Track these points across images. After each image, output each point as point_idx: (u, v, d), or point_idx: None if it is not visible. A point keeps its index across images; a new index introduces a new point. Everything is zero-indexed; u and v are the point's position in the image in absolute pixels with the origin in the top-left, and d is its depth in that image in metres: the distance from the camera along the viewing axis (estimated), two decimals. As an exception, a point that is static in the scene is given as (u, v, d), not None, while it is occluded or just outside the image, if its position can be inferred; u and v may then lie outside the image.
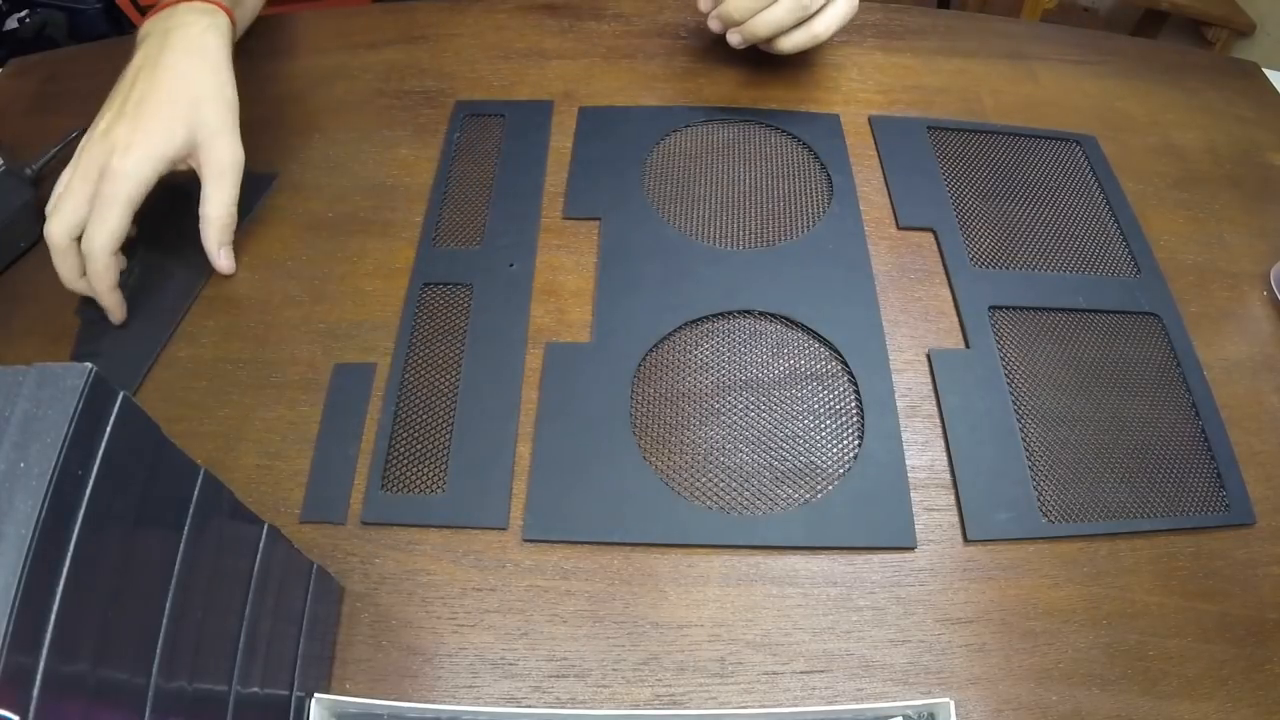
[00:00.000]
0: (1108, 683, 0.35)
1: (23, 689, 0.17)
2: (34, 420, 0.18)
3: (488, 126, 0.54)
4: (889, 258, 0.48)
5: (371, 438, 0.40)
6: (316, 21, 0.63)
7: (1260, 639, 0.36)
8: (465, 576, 0.37)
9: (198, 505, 0.24)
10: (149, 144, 0.41)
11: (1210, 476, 0.41)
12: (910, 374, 0.44)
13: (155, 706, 0.21)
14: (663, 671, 0.35)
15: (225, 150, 0.43)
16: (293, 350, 0.44)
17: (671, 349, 0.44)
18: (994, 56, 0.61)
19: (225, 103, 0.44)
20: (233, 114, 0.44)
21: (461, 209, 0.50)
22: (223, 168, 0.43)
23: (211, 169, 0.43)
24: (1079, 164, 0.54)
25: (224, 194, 0.44)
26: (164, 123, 0.42)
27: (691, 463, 0.40)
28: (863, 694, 0.34)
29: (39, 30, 0.98)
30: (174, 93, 0.42)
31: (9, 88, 0.59)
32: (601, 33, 0.61)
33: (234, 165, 0.44)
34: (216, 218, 0.44)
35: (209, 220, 0.44)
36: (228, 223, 0.44)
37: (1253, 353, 0.46)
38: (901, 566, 0.38)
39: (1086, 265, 0.49)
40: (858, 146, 0.54)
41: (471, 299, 0.46)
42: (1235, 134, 0.58)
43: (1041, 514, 0.39)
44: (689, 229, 0.49)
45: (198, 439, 0.40)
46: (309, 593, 0.32)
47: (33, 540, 0.17)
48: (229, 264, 0.45)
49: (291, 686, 0.30)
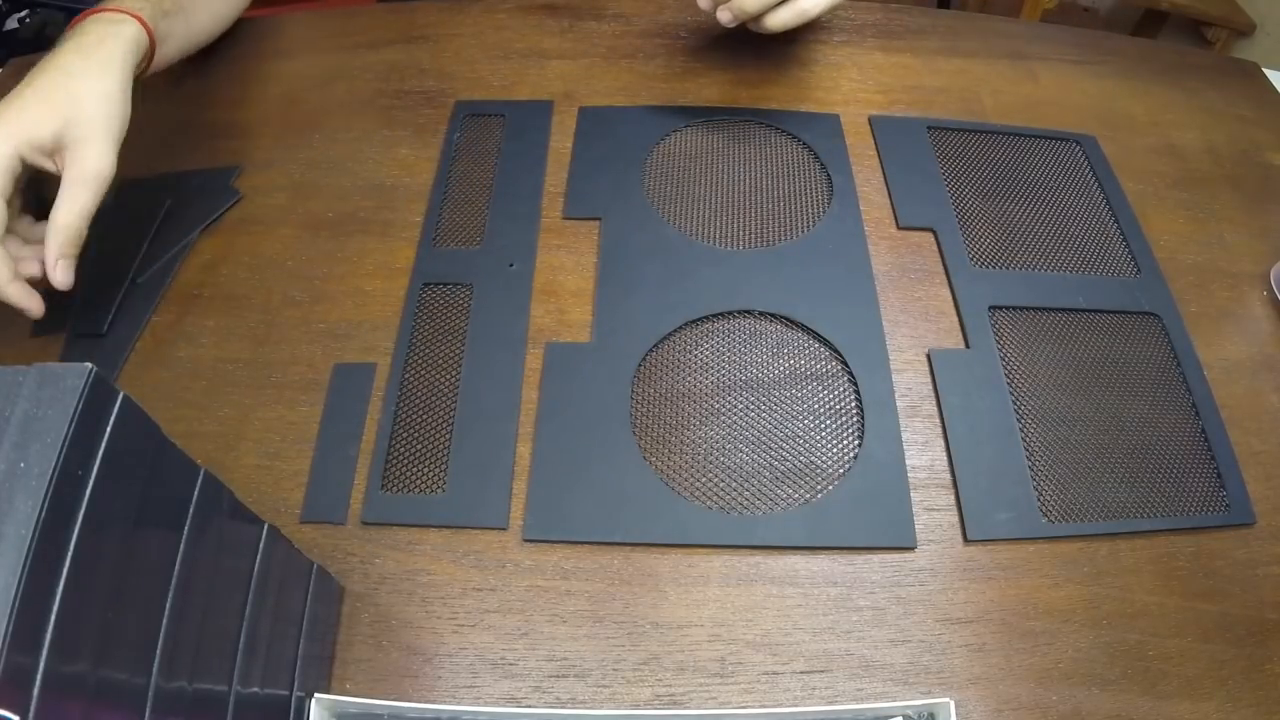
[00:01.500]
0: (1108, 683, 0.35)
1: (23, 689, 0.17)
2: (34, 420, 0.18)
3: (488, 126, 0.54)
4: (889, 258, 0.48)
5: (371, 438, 0.40)
6: (316, 21, 0.63)
7: (1260, 639, 0.36)
8: (465, 576, 0.37)
9: (198, 505, 0.24)
10: (13, 125, 0.38)
11: (1210, 476, 0.41)
12: (910, 374, 0.44)
13: (155, 706, 0.21)
14: (663, 671, 0.35)
15: (92, 158, 0.40)
16: (293, 350, 0.44)
17: (671, 349, 0.44)
18: (994, 56, 0.61)
19: (106, 110, 0.40)
20: (110, 124, 0.41)
21: (461, 209, 0.50)
22: (85, 175, 0.39)
23: (73, 172, 0.39)
24: (1079, 164, 0.54)
25: (79, 203, 0.39)
26: (34, 110, 0.39)
27: (691, 463, 0.40)
28: (863, 694, 0.34)
29: (39, 30, 0.98)
30: (53, 88, 0.40)
31: (9, 88, 0.59)
32: (601, 33, 0.61)
33: (97, 175, 0.40)
34: (64, 226, 0.39)
35: (55, 227, 0.39)
36: (75, 234, 0.40)
37: (1253, 353, 0.46)
38: (901, 566, 0.38)
39: (1086, 265, 0.49)
40: (858, 146, 0.54)
41: (471, 299, 0.46)
42: (1235, 134, 0.58)
43: (1041, 514, 0.39)
44: (689, 229, 0.49)
45: (198, 439, 0.40)
46: (309, 593, 0.32)
47: (33, 540, 0.17)
48: (66, 278, 0.40)
49: (291, 686, 0.30)
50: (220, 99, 0.57)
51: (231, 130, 0.55)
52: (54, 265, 0.40)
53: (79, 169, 0.40)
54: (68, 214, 0.39)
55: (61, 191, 0.40)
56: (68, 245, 0.40)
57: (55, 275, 0.40)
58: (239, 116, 0.56)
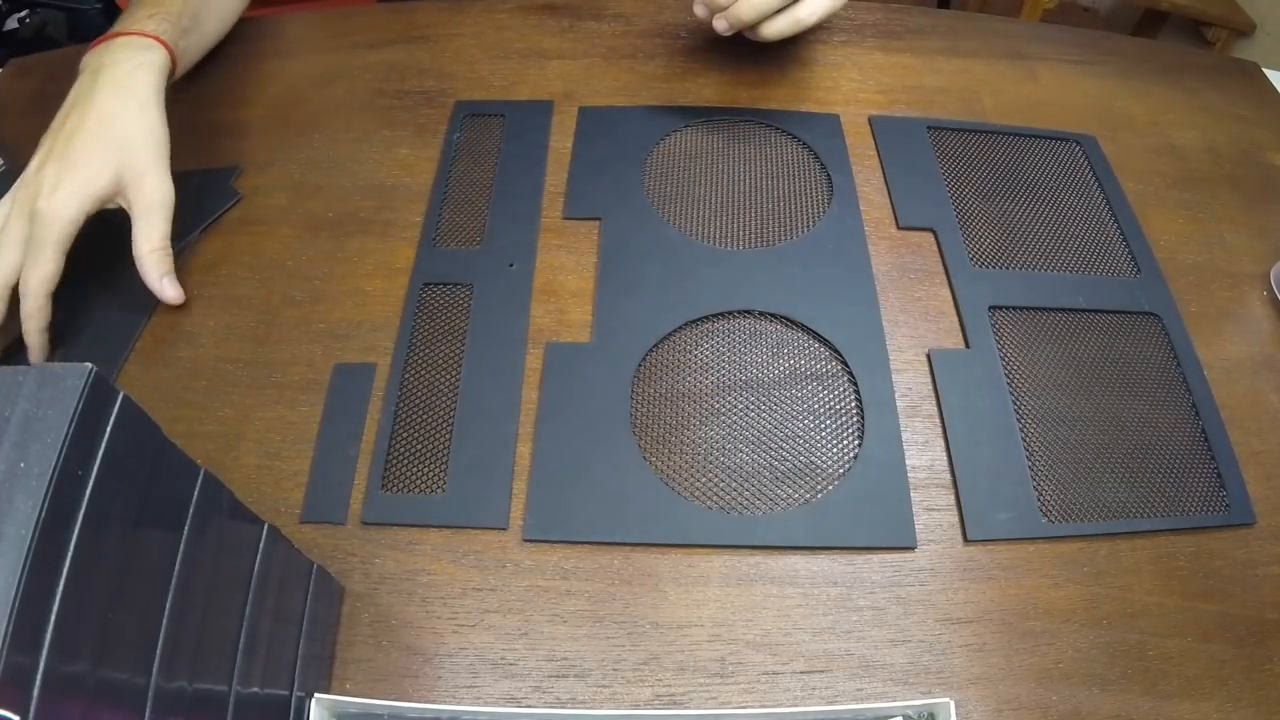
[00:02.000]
0: (1108, 683, 0.35)
1: (23, 689, 0.17)
2: (34, 420, 0.18)
3: (488, 126, 0.54)
4: (889, 258, 0.48)
5: (371, 438, 0.40)
6: (316, 21, 0.63)
7: (1260, 639, 0.36)
8: (465, 576, 0.37)
9: (198, 505, 0.24)
10: (75, 184, 0.41)
11: (1210, 476, 0.41)
12: (910, 374, 0.44)
13: (155, 706, 0.21)
14: (663, 671, 0.35)
15: (153, 188, 0.43)
16: (293, 350, 0.44)
17: (671, 349, 0.44)
18: (994, 56, 0.61)
19: (153, 141, 0.44)
20: (160, 152, 0.44)
21: (461, 209, 0.50)
22: (151, 204, 0.43)
23: (140, 206, 0.43)
24: (1079, 164, 0.54)
25: (155, 229, 0.43)
26: (91, 162, 0.42)
27: (691, 463, 0.40)
28: (863, 694, 0.34)
29: (39, 30, 0.98)
30: (101, 134, 0.42)
31: (9, 88, 0.59)
32: (601, 33, 0.61)
33: (163, 202, 0.43)
34: (150, 252, 0.43)
35: (142, 257, 0.43)
36: (162, 256, 0.44)
37: (1253, 353, 0.46)
38: (901, 566, 0.38)
39: (1086, 265, 0.49)
40: (858, 146, 0.54)
41: (471, 299, 0.46)
42: (1235, 134, 0.58)
43: (1041, 514, 0.39)
44: (689, 229, 0.49)
45: (198, 439, 0.40)
46: (309, 593, 0.32)
47: (33, 540, 0.17)
48: (176, 294, 0.44)
49: (291, 686, 0.30)
50: (220, 99, 0.57)
51: (231, 130, 0.55)
52: (160, 285, 0.44)
53: (145, 201, 0.43)
54: (148, 241, 0.43)
55: (136, 224, 0.43)
56: (163, 265, 0.44)
57: (167, 294, 0.44)
58: (239, 116, 0.56)
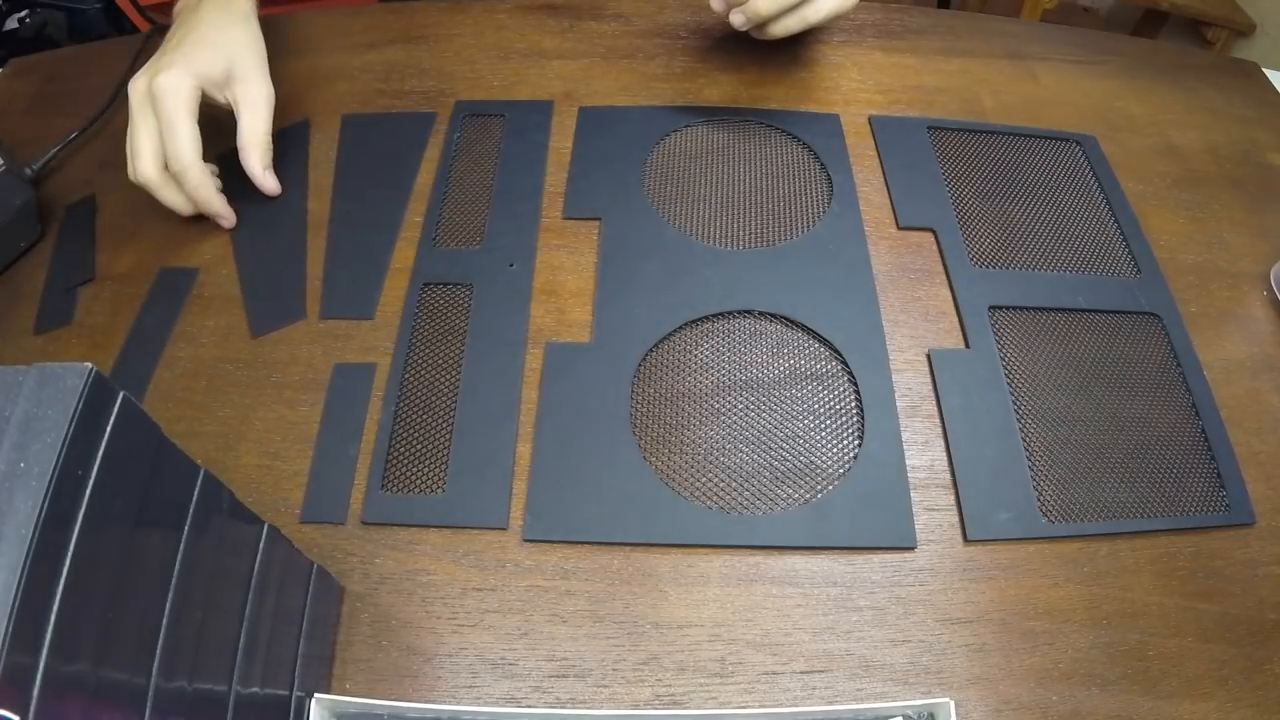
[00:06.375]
0: (1108, 683, 0.35)
1: (23, 689, 0.17)
2: (34, 420, 0.18)
3: (488, 126, 0.54)
4: (889, 258, 0.48)
5: (371, 438, 0.40)
6: (316, 21, 0.63)
7: (1260, 639, 0.36)
8: (465, 576, 0.37)
9: (198, 505, 0.24)
10: (188, 63, 0.45)
11: (1210, 476, 0.41)
12: (910, 374, 0.44)
13: (155, 706, 0.21)
14: (663, 671, 0.35)
15: (257, 85, 0.48)
16: (293, 350, 0.44)
17: (671, 349, 0.44)
18: (994, 56, 0.61)
19: (257, 49, 0.49)
20: (262, 58, 0.49)
21: (461, 209, 0.50)
22: (257, 99, 0.48)
23: (247, 101, 0.48)
24: (1079, 164, 0.54)
25: (259, 122, 0.48)
26: (204, 53, 0.46)
27: (691, 463, 0.40)
28: (863, 694, 0.34)
29: (39, 30, 0.98)
30: (211, 37, 0.47)
31: (9, 88, 0.59)
32: (601, 33, 0.61)
33: (267, 99, 0.48)
34: (255, 143, 0.48)
35: (248, 146, 0.48)
36: (265, 147, 0.48)
37: (1253, 353, 0.46)
38: (901, 566, 0.38)
39: (1086, 265, 0.49)
40: (858, 146, 0.54)
41: (471, 299, 0.46)
42: (1235, 134, 0.58)
43: (1041, 514, 0.39)
44: (689, 229, 0.49)
45: (198, 439, 0.40)
46: (309, 593, 0.32)
47: (33, 540, 0.17)
48: (274, 184, 0.49)
49: (291, 686, 0.30)
50: (220, 99, 0.56)
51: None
52: (262, 175, 0.48)
53: (251, 96, 0.48)
54: (253, 133, 0.48)
55: (242, 116, 0.48)
56: (265, 157, 0.48)
57: (267, 184, 0.49)
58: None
